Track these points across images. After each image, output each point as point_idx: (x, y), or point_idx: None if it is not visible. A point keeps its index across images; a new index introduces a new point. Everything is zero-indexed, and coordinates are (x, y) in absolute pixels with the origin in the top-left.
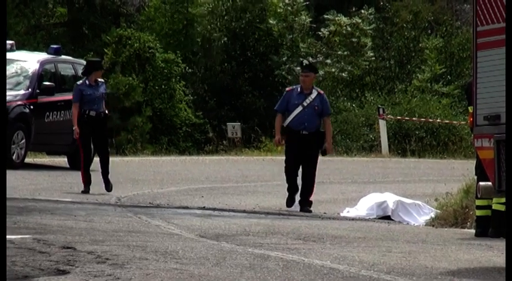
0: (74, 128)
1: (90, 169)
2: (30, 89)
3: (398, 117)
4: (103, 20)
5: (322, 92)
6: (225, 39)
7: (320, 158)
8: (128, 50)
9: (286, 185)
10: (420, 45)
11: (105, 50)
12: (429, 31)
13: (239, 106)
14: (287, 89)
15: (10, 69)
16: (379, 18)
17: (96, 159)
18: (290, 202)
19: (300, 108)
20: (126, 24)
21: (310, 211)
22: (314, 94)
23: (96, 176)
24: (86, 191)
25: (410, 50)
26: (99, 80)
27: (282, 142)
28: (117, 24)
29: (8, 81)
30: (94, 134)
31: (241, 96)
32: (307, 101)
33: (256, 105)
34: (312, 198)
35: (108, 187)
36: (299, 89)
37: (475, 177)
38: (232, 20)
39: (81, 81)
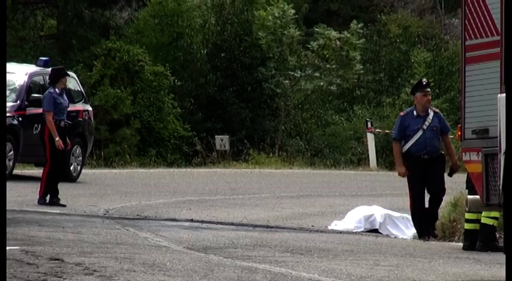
0: (56, 140)
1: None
2: (18, 101)
3: (387, 131)
4: (92, 33)
5: (437, 110)
6: (207, 50)
7: (307, 171)
8: (116, 63)
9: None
10: (411, 59)
11: (94, 62)
12: (419, 45)
13: (226, 119)
14: (401, 113)
15: None
16: (371, 31)
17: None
18: (426, 231)
19: (420, 133)
20: (115, 36)
21: (436, 236)
22: (431, 114)
23: (81, 189)
24: (43, 202)
25: (400, 64)
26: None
27: (407, 172)
28: (107, 37)
29: None
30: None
31: (227, 108)
32: (426, 123)
33: (243, 118)
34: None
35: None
36: (414, 112)
37: (466, 191)
38: (215, 32)
39: (51, 89)
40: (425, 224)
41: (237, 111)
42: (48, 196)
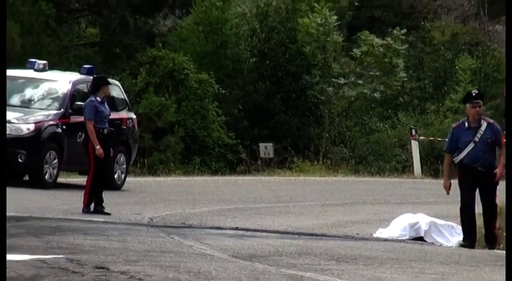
0: (97, 148)
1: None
2: (62, 109)
3: (431, 138)
4: (136, 41)
5: (491, 121)
6: (255, 59)
7: (351, 179)
8: (161, 70)
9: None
10: (456, 66)
11: (140, 70)
12: (464, 53)
13: (272, 126)
14: (453, 125)
15: (42, 89)
16: (414, 38)
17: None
18: (472, 238)
19: (472, 145)
20: (160, 44)
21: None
22: (484, 126)
23: (126, 197)
24: (87, 211)
25: (446, 71)
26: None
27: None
28: (151, 45)
29: (40, 101)
30: (105, 152)
31: (274, 116)
32: (478, 135)
33: (289, 126)
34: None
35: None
36: (466, 124)
37: None
38: (262, 40)
39: (92, 98)
40: (473, 233)
41: (284, 119)
42: (93, 204)
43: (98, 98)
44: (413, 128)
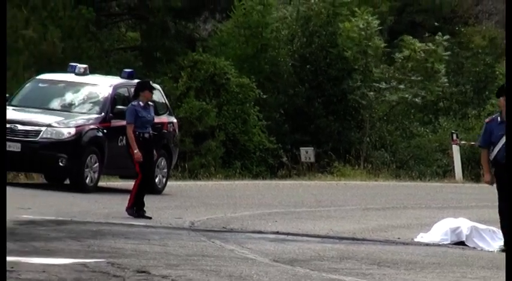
0: (135, 152)
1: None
2: (103, 113)
3: (472, 143)
4: (177, 45)
5: None
6: (296, 63)
7: (392, 183)
8: (202, 75)
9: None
10: (496, 71)
11: (181, 74)
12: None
13: (313, 131)
14: (486, 120)
15: (83, 93)
16: (454, 43)
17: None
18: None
19: (504, 139)
20: (200, 48)
21: None
22: None
23: (167, 201)
24: (132, 214)
25: (487, 76)
26: (150, 103)
27: (494, 180)
28: (191, 49)
29: (81, 105)
30: (149, 156)
31: (315, 120)
32: None
33: (330, 130)
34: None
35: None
36: (499, 118)
37: None
38: (302, 44)
39: (134, 102)
40: None
41: (325, 123)
42: (134, 208)
43: (140, 103)
44: (454, 133)
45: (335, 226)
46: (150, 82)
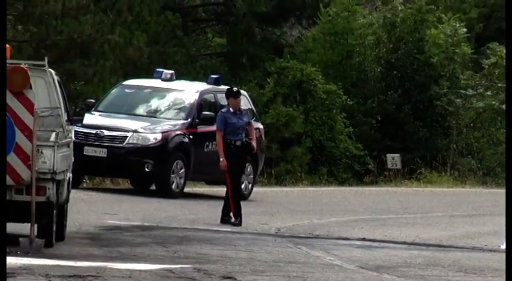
0: (221, 160)
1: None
2: (189, 119)
3: None
4: (263, 51)
5: None
6: (382, 69)
7: (479, 190)
8: (289, 81)
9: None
10: None
11: (268, 80)
12: None
13: (400, 137)
14: None
15: (169, 99)
16: None
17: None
18: None
19: None
20: (287, 55)
21: None
22: None
23: (253, 207)
24: (238, 223)
25: None
26: (243, 108)
27: None
28: (278, 55)
29: (167, 111)
30: (239, 164)
31: (403, 127)
32: None
33: (417, 136)
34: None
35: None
36: None
37: None
38: (389, 50)
39: (224, 109)
40: None
41: (412, 129)
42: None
43: (230, 109)
44: None
45: (421, 233)
46: (234, 89)
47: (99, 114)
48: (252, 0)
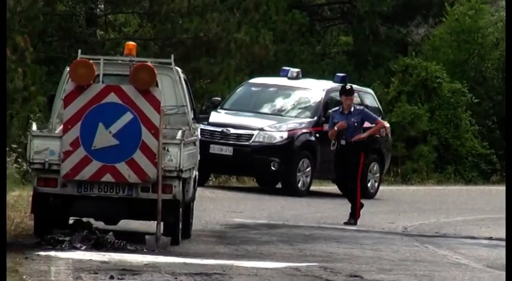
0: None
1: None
2: (315, 117)
3: None
4: (387, 49)
5: None
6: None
7: None
8: (414, 79)
9: None
10: None
11: (391, 79)
12: None
13: None
14: None
15: (295, 97)
16: None
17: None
18: None
19: None
20: (413, 53)
21: None
22: None
23: (380, 206)
24: (353, 222)
25: None
26: (358, 108)
27: None
28: (403, 53)
29: (293, 109)
30: (345, 164)
31: None
32: None
33: None
34: None
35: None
36: None
37: None
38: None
39: (337, 107)
40: None
41: None
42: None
43: (340, 109)
44: None
45: None
46: (347, 86)
47: (225, 113)
48: (374, 0)
